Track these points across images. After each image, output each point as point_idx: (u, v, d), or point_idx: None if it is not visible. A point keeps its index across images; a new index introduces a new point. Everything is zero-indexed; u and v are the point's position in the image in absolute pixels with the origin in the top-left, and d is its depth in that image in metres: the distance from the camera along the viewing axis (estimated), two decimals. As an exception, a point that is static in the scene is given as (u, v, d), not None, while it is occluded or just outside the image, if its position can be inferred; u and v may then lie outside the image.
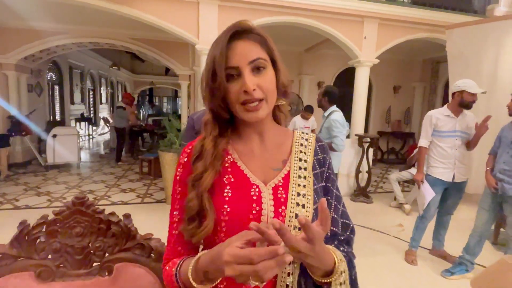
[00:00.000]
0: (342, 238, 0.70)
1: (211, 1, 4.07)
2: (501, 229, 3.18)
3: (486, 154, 2.57)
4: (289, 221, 0.62)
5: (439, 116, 2.58)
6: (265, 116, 0.65)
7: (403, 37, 4.95)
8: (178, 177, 0.70)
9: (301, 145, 0.72)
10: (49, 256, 0.94)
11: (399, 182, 4.29)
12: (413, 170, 4.26)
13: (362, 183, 4.62)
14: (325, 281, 0.57)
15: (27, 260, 0.92)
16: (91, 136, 10.37)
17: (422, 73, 7.78)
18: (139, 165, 5.54)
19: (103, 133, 11.13)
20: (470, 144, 2.59)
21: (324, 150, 0.74)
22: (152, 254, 0.99)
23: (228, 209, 0.62)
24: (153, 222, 3.37)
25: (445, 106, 2.64)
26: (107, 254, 0.98)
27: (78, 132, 6.22)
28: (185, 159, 0.70)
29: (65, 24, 5.52)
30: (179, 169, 0.70)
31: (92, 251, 0.97)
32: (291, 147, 0.72)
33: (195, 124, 2.29)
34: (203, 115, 2.50)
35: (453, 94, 2.57)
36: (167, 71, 12.47)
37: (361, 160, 4.65)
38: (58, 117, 8.18)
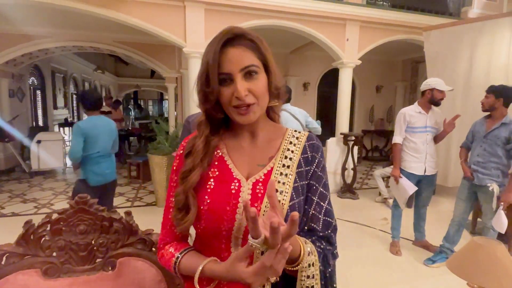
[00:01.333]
0: (321, 235, 0.71)
1: (197, 5, 4.12)
2: (478, 219, 3.38)
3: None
4: (263, 215, 0.64)
5: (412, 113, 2.75)
6: (257, 118, 0.68)
7: (383, 39, 5.15)
8: (174, 167, 0.76)
9: (291, 143, 0.74)
10: (54, 254, 0.99)
11: (383, 178, 4.45)
12: (396, 166, 4.45)
13: (348, 180, 4.77)
14: (290, 268, 0.61)
15: (34, 257, 0.97)
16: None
17: (402, 73, 8.06)
18: (127, 169, 5.50)
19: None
20: (437, 138, 2.80)
21: (314, 148, 0.74)
22: (153, 248, 1.05)
23: (208, 201, 0.67)
24: (145, 226, 3.37)
25: (416, 103, 2.81)
26: (110, 250, 1.03)
27: (63, 137, 6.11)
28: (181, 151, 0.75)
29: (49, 27, 5.43)
30: (175, 160, 0.76)
31: (95, 248, 1.02)
32: (280, 144, 0.74)
33: (191, 125, 2.30)
34: (196, 117, 2.42)
35: (423, 92, 2.75)
36: (153, 73, 12.35)
37: (347, 158, 4.80)
38: (41, 123, 7.99)
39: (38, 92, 7.94)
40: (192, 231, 0.75)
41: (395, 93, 8.21)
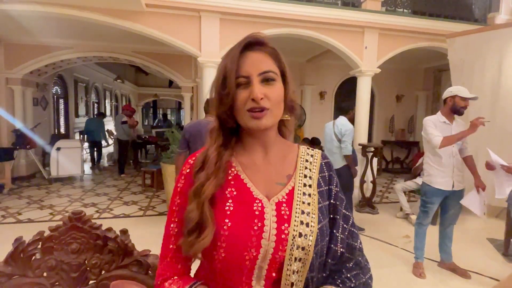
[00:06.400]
0: (351, 264, 0.68)
1: (213, 14, 4.13)
2: (511, 240, 3.09)
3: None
4: (292, 239, 0.60)
5: (436, 122, 2.54)
6: (269, 126, 0.64)
7: (404, 47, 4.97)
8: (178, 188, 0.68)
9: (306, 161, 0.71)
10: (44, 274, 0.92)
11: (404, 192, 4.22)
12: (419, 180, 4.20)
13: (367, 194, 4.55)
14: None
15: (22, 278, 0.90)
16: (86, 151, 10.40)
17: (424, 82, 7.76)
18: (141, 177, 5.53)
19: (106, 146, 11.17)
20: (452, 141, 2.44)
21: (330, 167, 0.73)
22: (149, 271, 0.96)
23: (229, 224, 0.60)
24: (155, 236, 3.31)
25: (439, 113, 2.61)
26: (103, 271, 0.95)
27: (82, 144, 6.25)
28: (187, 170, 0.68)
29: (70, 39, 5.64)
30: (180, 180, 0.68)
31: (88, 268, 0.94)
32: (296, 162, 0.70)
33: (186, 133, 2.54)
34: (194, 125, 2.62)
35: (445, 100, 2.56)
36: (171, 83, 12.62)
37: (365, 170, 4.60)
38: (62, 130, 8.26)
39: (61, 100, 8.25)
40: None
41: (416, 102, 7.91)
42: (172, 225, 0.68)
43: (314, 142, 5.12)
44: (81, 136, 8.37)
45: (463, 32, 4.23)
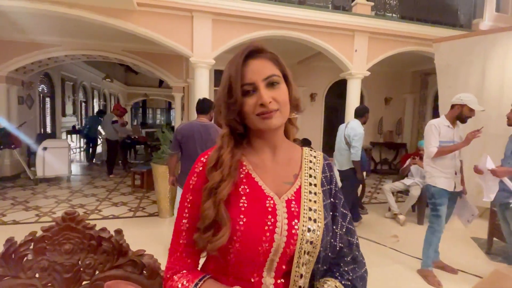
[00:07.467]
0: (348, 258, 0.73)
1: (205, 15, 4.13)
2: (494, 239, 3.20)
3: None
4: (302, 234, 0.65)
5: (441, 125, 2.60)
6: (279, 125, 0.68)
7: (393, 50, 5.08)
8: (191, 185, 0.70)
9: (310, 161, 0.76)
10: (37, 275, 0.91)
11: (392, 193, 4.30)
12: (407, 181, 4.30)
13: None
14: None
15: (13, 279, 0.89)
16: (82, 149, 10.23)
17: (412, 85, 7.94)
18: (131, 177, 5.46)
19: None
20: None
21: (331, 168, 0.78)
22: (144, 271, 0.96)
23: (244, 219, 0.64)
24: (145, 237, 3.30)
25: (443, 116, 2.67)
26: (97, 272, 0.95)
27: (69, 144, 6.12)
28: (200, 168, 0.70)
29: (58, 36, 5.52)
30: (193, 178, 0.71)
31: (81, 269, 0.94)
32: (301, 162, 0.75)
33: (177, 134, 2.54)
34: (186, 126, 2.69)
35: (453, 105, 2.60)
36: (161, 83, 12.49)
37: (355, 170, 4.66)
38: (49, 130, 8.07)
39: (48, 99, 8.06)
40: None
41: (404, 105, 8.08)
42: (183, 221, 0.70)
43: (304, 143, 5.17)
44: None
45: (448, 37, 4.36)
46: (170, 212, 3.96)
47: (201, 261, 0.75)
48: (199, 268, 0.73)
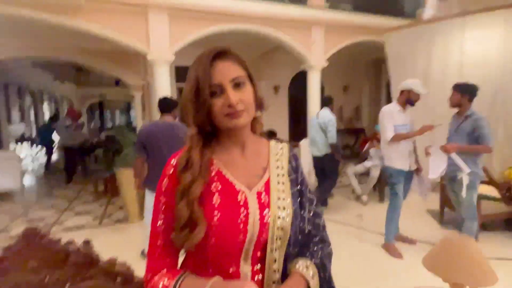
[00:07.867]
0: (316, 238, 0.80)
1: (161, 10, 3.98)
2: (446, 209, 3.54)
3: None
4: (273, 222, 0.70)
5: (394, 110, 2.84)
6: (246, 124, 0.71)
7: (347, 41, 5.32)
8: (163, 188, 0.72)
9: (277, 154, 0.81)
10: (0, 297, 0.86)
11: (355, 176, 4.56)
12: (367, 163, 4.58)
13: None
14: None
15: (-27, 305, 0.83)
16: (35, 158, 9.45)
17: (367, 73, 8.39)
18: (93, 184, 5.18)
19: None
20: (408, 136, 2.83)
21: (296, 158, 0.84)
22: (118, 279, 0.95)
23: (218, 215, 0.67)
24: (116, 244, 3.18)
25: (394, 102, 2.92)
26: (68, 285, 0.92)
27: (19, 155, 5.63)
28: (171, 171, 0.72)
29: (-2, 37, 5.00)
30: (164, 181, 0.72)
31: (50, 285, 0.90)
32: (269, 155, 0.79)
33: (141, 136, 2.51)
34: (149, 127, 2.66)
35: (402, 91, 2.84)
36: (118, 82, 11.85)
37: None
38: (-7, 140, 7.36)
39: (-11, 107, 7.32)
40: None
41: (361, 92, 8.51)
42: (159, 223, 0.72)
43: (270, 135, 5.25)
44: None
45: (397, 28, 4.66)
46: (139, 215, 3.84)
47: (181, 259, 0.77)
48: (179, 265, 0.75)
